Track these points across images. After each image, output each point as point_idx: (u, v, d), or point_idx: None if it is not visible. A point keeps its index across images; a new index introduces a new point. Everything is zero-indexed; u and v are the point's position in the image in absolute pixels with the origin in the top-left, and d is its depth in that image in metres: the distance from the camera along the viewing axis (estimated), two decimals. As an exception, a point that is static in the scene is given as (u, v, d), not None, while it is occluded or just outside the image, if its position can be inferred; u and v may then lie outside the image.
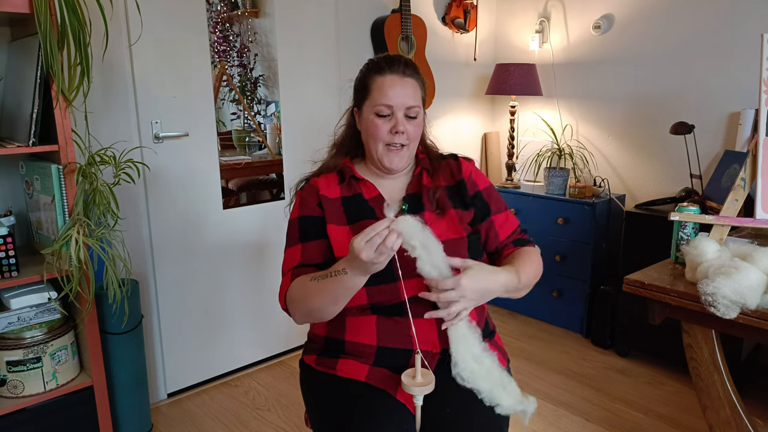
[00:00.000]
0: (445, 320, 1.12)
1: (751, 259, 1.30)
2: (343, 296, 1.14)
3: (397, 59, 1.29)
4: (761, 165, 1.50)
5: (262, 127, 2.54)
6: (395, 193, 1.34)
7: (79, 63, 1.58)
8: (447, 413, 1.16)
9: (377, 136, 1.27)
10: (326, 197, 1.30)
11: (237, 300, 2.52)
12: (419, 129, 1.31)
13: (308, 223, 1.28)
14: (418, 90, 1.29)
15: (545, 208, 2.94)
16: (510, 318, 3.14)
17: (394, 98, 1.25)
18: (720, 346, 1.43)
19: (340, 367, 1.25)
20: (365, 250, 1.01)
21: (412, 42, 2.86)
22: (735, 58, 2.50)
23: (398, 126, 1.25)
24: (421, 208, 1.29)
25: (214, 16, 2.28)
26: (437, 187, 1.32)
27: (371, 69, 1.30)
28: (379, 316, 1.22)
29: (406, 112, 1.27)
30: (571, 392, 2.41)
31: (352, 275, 1.08)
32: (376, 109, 1.26)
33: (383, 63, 1.28)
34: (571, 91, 3.14)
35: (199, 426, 2.19)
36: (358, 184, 1.32)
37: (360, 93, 1.33)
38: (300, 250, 1.26)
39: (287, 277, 1.25)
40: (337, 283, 1.10)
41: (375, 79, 1.28)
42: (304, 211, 1.30)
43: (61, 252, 1.61)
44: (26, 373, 1.67)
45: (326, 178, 1.34)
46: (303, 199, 1.32)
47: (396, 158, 1.29)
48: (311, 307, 1.17)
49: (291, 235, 1.31)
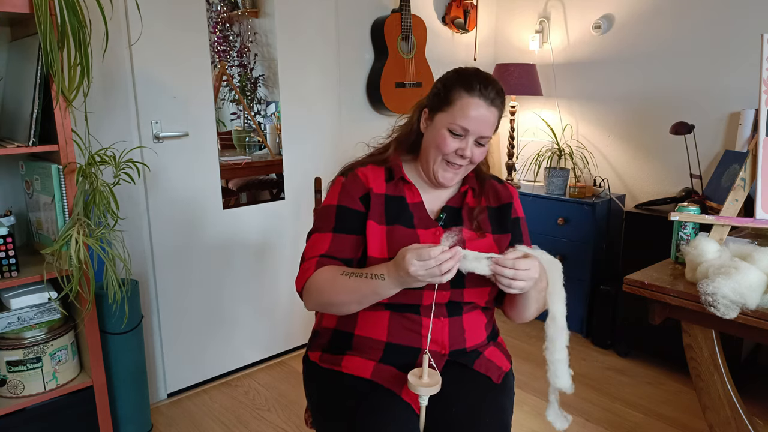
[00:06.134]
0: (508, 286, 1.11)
1: (751, 259, 1.30)
2: (371, 300, 1.14)
3: (492, 84, 1.22)
4: (761, 165, 1.50)
5: (262, 127, 2.54)
6: (436, 203, 1.32)
7: (79, 63, 1.58)
8: (452, 413, 1.16)
9: (442, 150, 1.23)
10: (374, 192, 1.26)
11: (237, 300, 2.52)
12: (484, 155, 1.27)
13: (347, 214, 1.25)
14: (497, 120, 1.25)
15: (545, 208, 2.94)
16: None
17: (474, 124, 1.20)
18: (720, 346, 1.43)
19: (345, 364, 1.25)
20: (415, 266, 1.02)
21: (412, 42, 2.86)
22: (735, 58, 2.50)
23: (466, 151, 1.22)
24: (459, 222, 1.28)
25: (214, 16, 2.28)
26: (482, 209, 1.31)
27: (461, 82, 1.22)
28: (393, 312, 1.22)
29: (478, 139, 1.23)
30: (572, 392, 2.41)
31: (389, 283, 1.09)
32: (451, 127, 1.21)
33: (476, 82, 1.20)
34: (571, 91, 3.14)
35: (199, 426, 2.19)
36: (403, 186, 1.29)
37: (439, 100, 1.25)
38: (330, 239, 1.23)
39: (311, 263, 1.22)
40: (369, 286, 1.11)
41: (461, 95, 1.20)
42: (346, 201, 1.26)
43: (61, 252, 1.61)
44: (26, 373, 1.67)
45: (374, 171, 1.29)
46: (346, 188, 1.27)
47: (450, 175, 1.26)
48: (333, 301, 1.17)
49: (324, 221, 1.26)
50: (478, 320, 1.28)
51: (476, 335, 1.27)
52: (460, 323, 1.24)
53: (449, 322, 1.23)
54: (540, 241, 1.27)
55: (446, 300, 1.22)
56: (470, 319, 1.26)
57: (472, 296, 1.24)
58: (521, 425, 2.17)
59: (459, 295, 1.23)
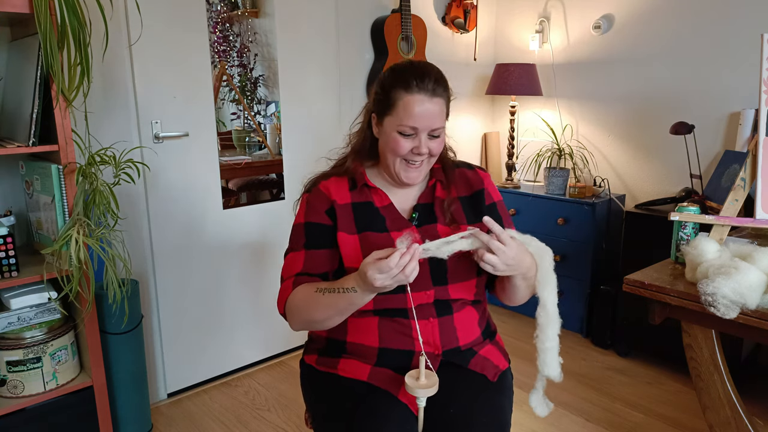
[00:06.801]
0: (489, 265, 1.10)
1: (751, 259, 1.30)
2: (348, 310, 1.14)
3: (428, 74, 1.19)
4: (761, 165, 1.50)
5: (262, 127, 2.54)
6: (407, 203, 1.31)
7: (79, 63, 1.58)
8: (449, 414, 1.16)
9: (397, 152, 1.22)
10: (338, 203, 1.26)
11: (237, 300, 2.52)
12: (441, 145, 1.26)
13: (315, 230, 1.25)
14: (444, 108, 1.22)
15: (545, 208, 2.94)
16: (510, 318, 3.14)
17: (421, 121, 1.18)
18: (720, 346, 1.43)
19: (341, 367, 1.25)
20: (380, 279, 1.01)
21: (412, 42, 2.86)
22: (735, 58, 2.50)
23: (421, 148, 1.20)
24: (433, 219, 1.28)
25: (214, 16, 2.28)
26: (452, 200, 1.30)
27: (397, 82, 1.20)
28: (381, 318, 1.22)
29: (431, 133, 1.21)
30: (571, 392, 2.41)
31: (361, 294, 1.08)
32: (399, 129, 1.20)
33: (411, 78, 1.18)
34: (571, 91, 3.14)
35: (199, 426, 2.19)
36: (369, 191, 1.29)
37: (382, 104, 1.23)
38: (304, 257, 1.24)
39: (288, 283, 1.23)
40: (344, 299, 1.10)
41: (401, 96, 1.18)
42: (312, 217, 1.26)
43: (61, 252, 1.61)
44: (26, 373, 1.67)
45: (337, 182, 1.29)
46: (311, 204, 1.28)
47: (414, 173, 1.25)
48: (314, 318, 1.16)
49: (295, 240, 1.27)
50: (469, 317, 1.27)
51: (469, 332, 1.27)
52: (450, 322, 1.23)
53: (439, 322, 1.22)
54: (540, 241, 1.26)
55: (432, 300, 1.21)
56: (461, 316, 1.25)
57: (458, 292, 1.24)
58: (521, 425, 2.17)
59: (444, 292, 1.22)
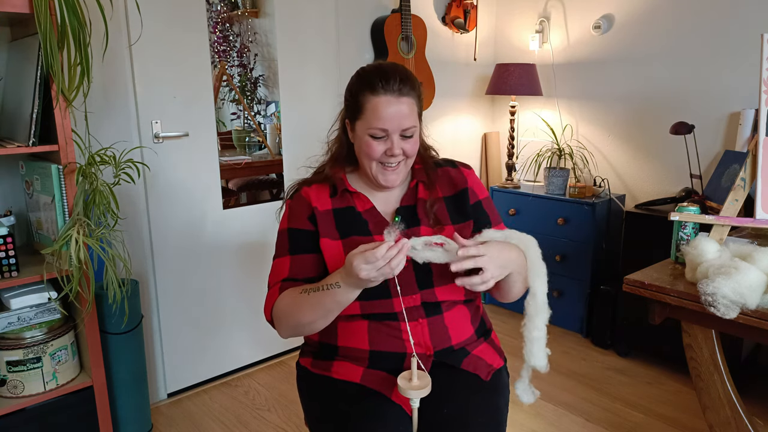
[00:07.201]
0: (479, 288, 1.10)
1: (751, 259, 1.30)
2: (334, 310, 1.14)
3: (392, 75, 1.18)
4: (761, 165, 1.50)
5: (262, 127, 2.54)
6: (389, 206, 1.31)
7: (79, 63, 1.58)
8: (443, 414, 1.16)
9: (371, 156, 1.22)
10: (318, 210, 1.26)
11: (237, 300, 2.52)
12: (416, 145, 1.24)
13: (298, 235, 1.25)
14: (414, 107, 1.21)
15: (545, 208, 2.94)
16: (510, 318, 3.14)
17: (390, 123, 1.18)
18: (720, 346, 1.43)
19: (335, 369, 1.25)
20: (365, 270, 1.01)
21: (412, 42, 2.86)
22: (735, 58, 2.50)
23: (394, 149, 1.20)
24: (416, 221, 1.26)
25: (214, 16, 2.28)
26: (435, 200, 1.29)
27: (364, 85, 1.20)
28: (371, 321, 1.22)
29: (402, 133, 1.20)
30: (572, 392, 2.41)
31: (345, 289, 1.08)
32: (370, 132, 1.19)
33: (376, 80, 1.18)
34: (571, 91, 3.14)
35: (199, 426, 2.19)
36: (351, 196, 1.29)
37: (352, 109, 1.24)
38: (289, 263, 1.24)
39: (275, 289, 1.23)
40: (329, 296, 1.10)
41: (368, 99, 1.19)
42: (295, 223, 1.27)
43: (61, 252, 1.61)
44: (26, 373, 1.67)
45: (318, 189, 1.29)
46: (293, 210, 1.28)
47: (392, 176, 1.24)
48: (301, 321, 1.16)
49: (280, 246, 1.28)
50: (461, 315, 1.27)
51: (461, 331, 1.26)
52: (441, 322, 1.23)
53: (428, 322, 1.22)
54: (540, 241, 1.26)
55: (418, 303, 1.21)
56: (452, 316, 1.25)
57: (445, 294, 1.23)
58: (521, 425, 2.17)
59: (431, 295, 1.22)
